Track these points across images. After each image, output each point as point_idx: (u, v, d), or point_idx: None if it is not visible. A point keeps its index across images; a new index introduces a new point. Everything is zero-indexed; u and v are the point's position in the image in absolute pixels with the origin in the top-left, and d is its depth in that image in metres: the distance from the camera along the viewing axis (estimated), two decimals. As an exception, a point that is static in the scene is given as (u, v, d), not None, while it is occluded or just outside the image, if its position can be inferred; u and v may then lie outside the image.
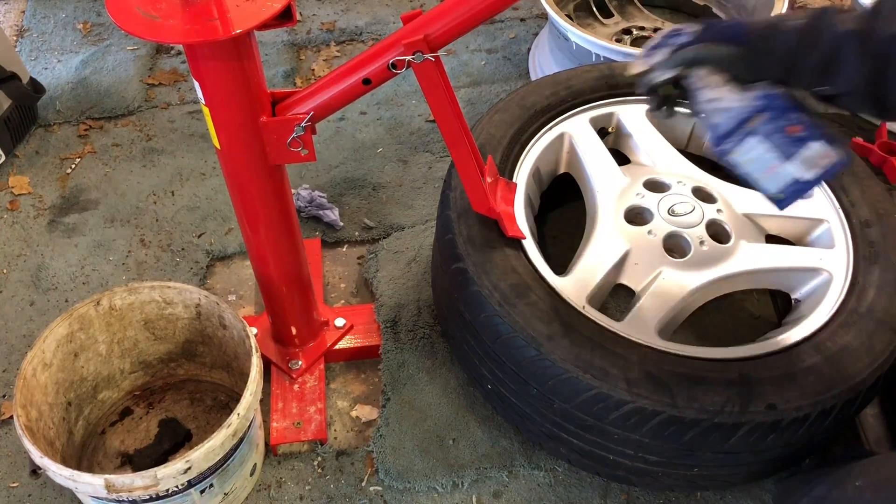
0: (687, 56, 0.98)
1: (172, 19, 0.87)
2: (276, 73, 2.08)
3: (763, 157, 0.98)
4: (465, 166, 1.09)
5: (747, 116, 0.97)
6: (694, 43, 0.98)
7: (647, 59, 1.02)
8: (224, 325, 1.24)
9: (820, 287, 1.22)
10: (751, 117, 0.97)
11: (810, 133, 0.96)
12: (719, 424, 1.03)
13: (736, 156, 1.00)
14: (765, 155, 0.98)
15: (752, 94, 0.97)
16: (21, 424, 1.05)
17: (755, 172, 1.00)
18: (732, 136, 0.99)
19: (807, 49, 0.88)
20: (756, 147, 0.98)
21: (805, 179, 0.97)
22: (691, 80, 1.00)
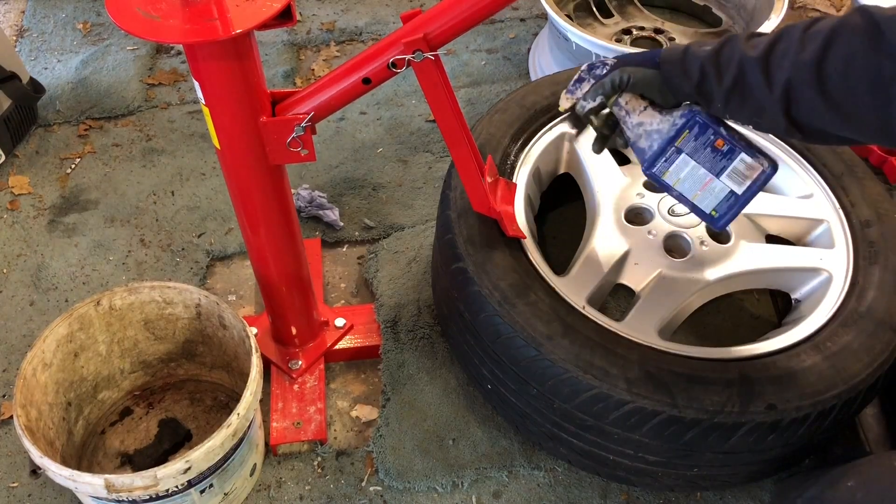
0: (608, 81, 1.03)
1: (172, 19, 0.87)
2: (275, 73, 2.08)
3: (694, 174, 1.02)
4: (465, 166, 1.09)
5: (674, 135, 1.01)
6: (612, 71, 1.03)
7: (572, 93, 1.07)
8: (224, 325, 1.24)
9: (820, 287, 1.22)
10: (677, 135, 1.01)
11: (734, 146, 1.00)
12: (719, 424, 1.03)
13: (668, 177, 1.04)
14: (696, 172, 1.02)
15: (674, 113, 1.01)
16: (21, 424, 1.05)
17: (689, 192, 1.04)
18: (662, 157, 1.03)
19: (715, 74, 0.91)
20: (687, 164, 1.02)
21: (739, 193, 1.02)
22: (618, 109, 1.04)
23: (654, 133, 1.02)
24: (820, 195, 1.33)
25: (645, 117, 1.03)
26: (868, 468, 1.03)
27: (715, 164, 1.01)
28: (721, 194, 1.02)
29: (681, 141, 1.01)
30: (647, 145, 1.03)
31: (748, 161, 1.00)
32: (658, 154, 1.03)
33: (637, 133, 1.04)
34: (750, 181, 1.01)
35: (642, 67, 1.01)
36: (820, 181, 1.34)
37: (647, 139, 1.03)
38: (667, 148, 1.02)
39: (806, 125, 0.86)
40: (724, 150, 1.00)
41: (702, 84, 0.93)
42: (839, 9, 2.36)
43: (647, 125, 1.03)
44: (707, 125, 1.00)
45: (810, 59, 0.81)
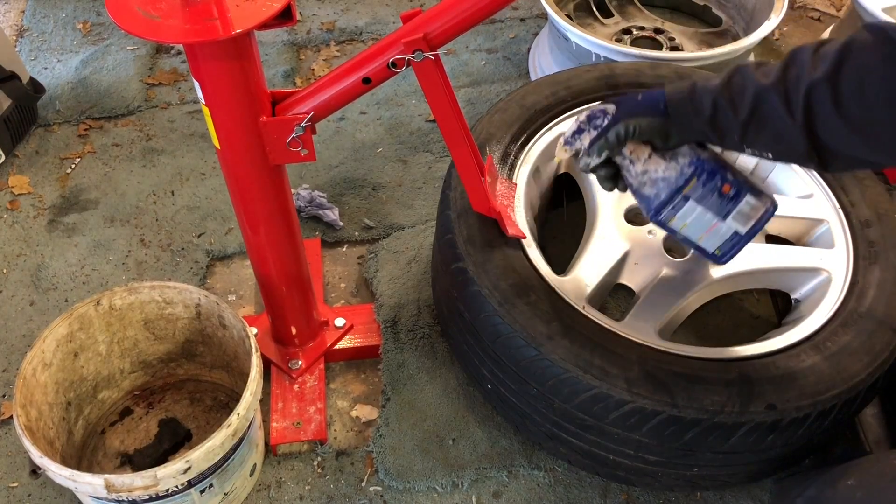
0: (612, 137, 1.00)
1: (172, 19, 0.87)
2: (275, 73, 2.08)
3: (701, 218, 1.02)
4: (464, 166, 1.09)
5: (682, 184, 0.99)
6: (613, 124, 1.00)
7: (571, 144, 1.05)
8: (224, 324, 1.24)
9: (820, 287, 1.22)
10: (686, 184, 1.00)
11: (740, 189, 0.99)
12: (719, 424, 1.03)
13: (674, 223, 1.03)
14: (702, 217, 1.01)
15: (683, 161, 0.99)
16: (21, 424, 1.05)
17: (693, 235, 1.04)
18: (669, 205, 1.01)
19: (729, 107, 0.89)
20: (693, 211, 1.01)
21: (744, 233, 1.02)
22: (621, 158, 1.03)
23: (660, 181, 1.00)
24: (820, 195, 1.33)
25: (650, 165, 1.00)
26: (868, 467, 1.03)
27: (721, 208, 1.01)
28: (726, 235, 1.03)
29: (689, 189, 1.00)
30: (652, 193, 1.01)
31: (753, 202, 1.00)
32: (665, 202, 1.01)
33: (641, 181, 1.02)
34: (754, 221, 1.01)
35: (646, 116, 0.98)
36: (820, 181, 1.34)
37: (652, 187, 1.01)
38: (674, 196, 1.00)
39: (827, 148, 0.84)
40: (731, 195, 1.00)
41: (715, 118, 0.91)
42: (839, 8, 2.36)
43: (653, 173, 1.01)
44: (715, 171, 0.98)
45: (824, 78, 0.80)
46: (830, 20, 2.30)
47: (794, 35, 2.26)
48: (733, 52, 1.71)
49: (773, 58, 2.15)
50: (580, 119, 1.05)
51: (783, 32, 2.26)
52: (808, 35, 2.26)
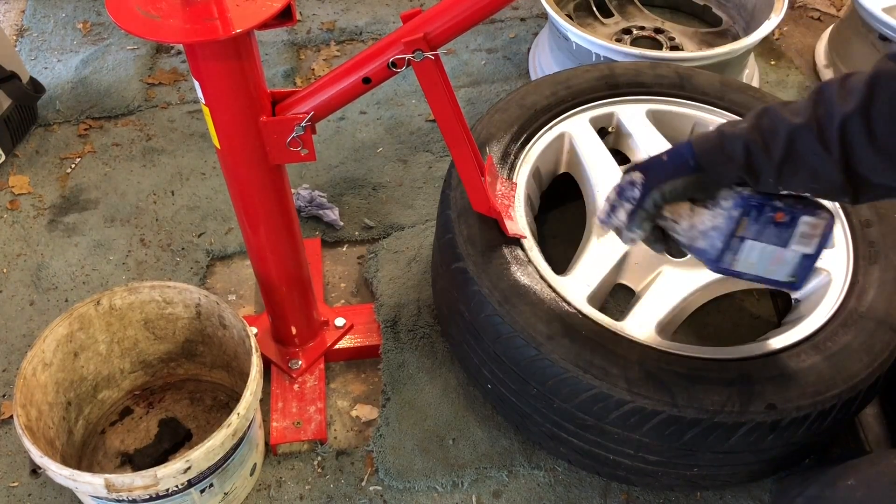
0: (649, 207, 0.98)
1: (172, 19, 0.87)
2: (276, 73, 2.08)
3: (764, 254, 0.99)
4: (464, 166, 1.09)
5: (734, 227, 0.97)
6: (647, 193, 0.97)
7: (608, 223, 1.03)
8: (224, 324, 1.24)
9: (820, 287, 1.22)
10: (738, 226, 0.97)
11: (794, 213, 0.96)
12: (719, 424, 1.03)
13: (738, 266, 1.00)
14: (765, 252, 0.98)
15: (727, 204, 0.97)
16: (21, 424, 1.05)
17: (761, 271, 1.00)
18: (728, 250, 0.98)
19: (762, 149, 0.88)
20: (754, 249, 0.98)
21: (811, 253, 0.98)
22: (663, 221, 1.01)
23: (710, 231, 0.98)
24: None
25: (695, 219, 0.99)
26: (868, 467, 1.03)
27: (781, 237, 0.97)
28: (794, 260, 0.99)
29: (742, 229, 0.97)
30: (707, 245, 0.99)
31: (811, 221, 0.97)
32: (723, 250, 0.98)
33: (692, 236, 1.00)
34: (818, 238, 0.98)
35: (678, 176, 0.96)
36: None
37: (705, 239, 0.99)
38: (730, 241, 0.98)
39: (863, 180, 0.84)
40: (787, 220, 0.96)
41: (750, 162, 0.90)
42: (839, 8, 2.36)
43: (701, 225, 0.98)
44: (762, 204, 0.96)
45: (857, 110, 0.80)
46: (830, 20, 2.30)
47: (794, 35, 2.26)
48: (733, 52, 1.71)
49: (772, 58, 2.16)
50: (610, 197, 1.03)
51: (783, 32, 2.26)
52: (809, 35, 2.26)
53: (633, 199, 0.99)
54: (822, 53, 2.14)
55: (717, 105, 1.46)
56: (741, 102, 1.46)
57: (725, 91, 1.47)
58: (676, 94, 1.47)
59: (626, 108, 1.46)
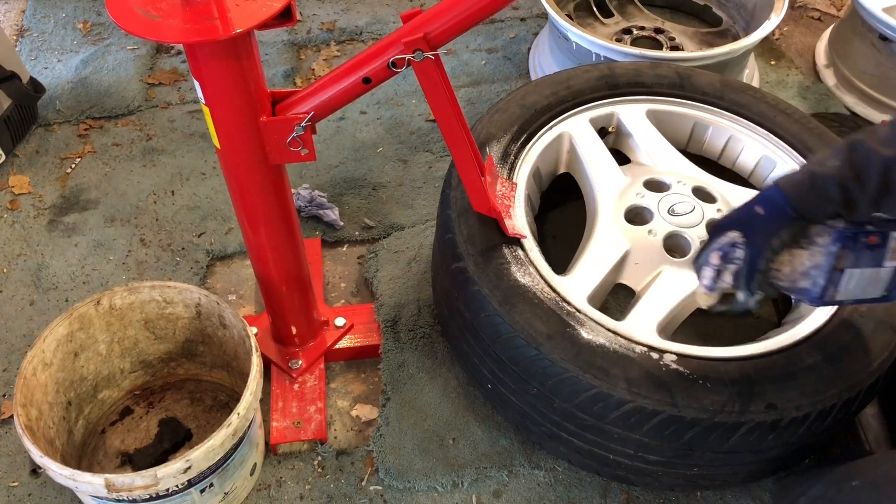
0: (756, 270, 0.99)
1: (172, 19, 0.87)
2: (276, 73, 2.08)
3: (862, 278, 0.99)
4: (465, 166, 1.09)
5: (834, 262, 0.97)
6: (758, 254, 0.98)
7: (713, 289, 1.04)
8: (224, 324, 1.24)
9: (820, 287, 1.22)
10: (837, 261, 0.97)
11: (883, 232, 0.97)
12: (719, 424, 1.03)
13: (840, 296, 1.00)
14: (863, 276, 0.99)
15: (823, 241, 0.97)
16: (21, 424, 1.05)
17: (861, 294, 1.01)
18: (830, 285, 0.99)
19: (859, 184, 0.90)
20: (853, 277, 0.99)
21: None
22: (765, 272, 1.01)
23: (811, 270, 0.99)
24: (820, 195, 1.33)
25: (795, 262, 1.00)
26: (874, 468, 1.03)
27: (876, 258, 0.98)
28: (888, 276, 1.00)
29: (841, 263, 0.98)
30: (809, 284, 1.00)
31: None
32: (826, 286, 0.99)
33: (793, 279, 1.00)
34: None
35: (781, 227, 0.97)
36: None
37: (806, 279, 1.00)
38: (831, 275, 0.98)
39: None
40: (879, 242, 0.98)
41: (845, 199, 0.92)
42: (839, 8, 2.36)
43: (801, 267, 0.99)
44: (856, 234, 0.97)
45: None
46: (831, 20, 2.30)
47: (795, 35, 2.26)
48: (733, 52, 1.71)
49: (772, 58, 2.15)
50: (713, 262, 1.04)
51: (783, 32, 2.26)
52: (809, 35, 2.26)
53: (739, 261, 1.01)
54: (823, 53, 2.14)
55: (718, 105, 1.46)
56: (741, 102, 1.46)
57: (725, 91, 1.47)
58: (676, 93, 1.47)
59: (626, 108, 1.46)
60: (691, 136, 1.50)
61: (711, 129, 1.46)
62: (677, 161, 1.40)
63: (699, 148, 1.50)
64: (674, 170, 1.38)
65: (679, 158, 1.40)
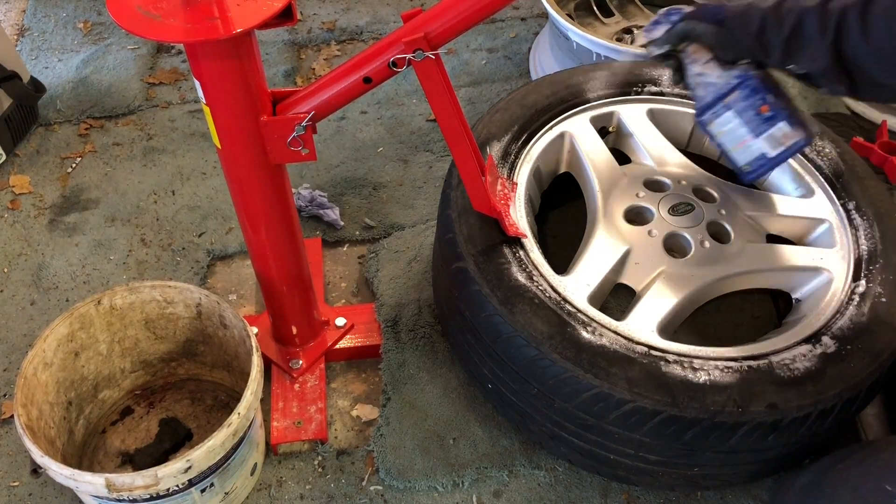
0: (675, 32, 1.12)
1: (173, 18, 0.87)
2: (276, 73, 2.08)
3: (736, 130, 1.12)
4: (465, 165, 1.09)
5: (725, 92, 1.10)
6: (679, 21, 1.12)
7: (648, 33, 1.18)
8: (225, 324, 1.24)
9: (820, 287, 1.22)
10: (728, 93, 1.10)
11: (777, 113, 1.08)
12: (720, 424, 1.03)
13: (713, 127, 1.14)
14: (738, 129, 1.11)
15: (732, 72, 1.09)
16: (22, 423, 1.05)
17: (728, 144, 1.15)
18: (712, 109, 1.13)
19: (776, 24, 0.99)
20: (731, 121, 1.12)
21: (771, 156, 1.12)
22: (683, 55, 1.14)
23: (709, 85, 1.11)
24: (820, 195, 1.33)
25: (706, 69, 1.11)
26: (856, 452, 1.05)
27: (756, 126, 1.09)
28: (756, 153, 1.12)
29: (730, 98, 1.09)
30: (702, 94, 1.13)
31: (786, 129, 1.08)
32: (709, 105, 1.12)
33: (696, 81, 1.13)
34: (783, 147, 1.10)
35: (707, 21, 1.08)
36: (821, 180, 1.34)
37: (703, 89, 1.12)
38: (717, 102, 1.10)
39: (854, 71, 0.94)
40: (767, 116, 1.08)
41: (761, 34, 1.01)
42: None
43: (706, 77, 1.11)
44: (757, 89, 1.07)
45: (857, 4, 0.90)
46: (831, 20, 2.29)
47: (795, 34, 2.26)
48: (734, 52, 1.71)
49: (773, 57, 2.15)
50: (660, 11, 1.16)
51: (784, 32, 2.26)
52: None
53: (671, 22, 1.14)
54: (823, 53, 2.13)
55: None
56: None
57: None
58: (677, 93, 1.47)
59: (626, 107, 1.45)
60: (692, 135, 1.49)
61: None
62: (678, 161, 1.39)
63: (700, 148, 1.50)
64: (674, 170, 1.38)
65: (680, 158, 1.40)
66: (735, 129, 1.12)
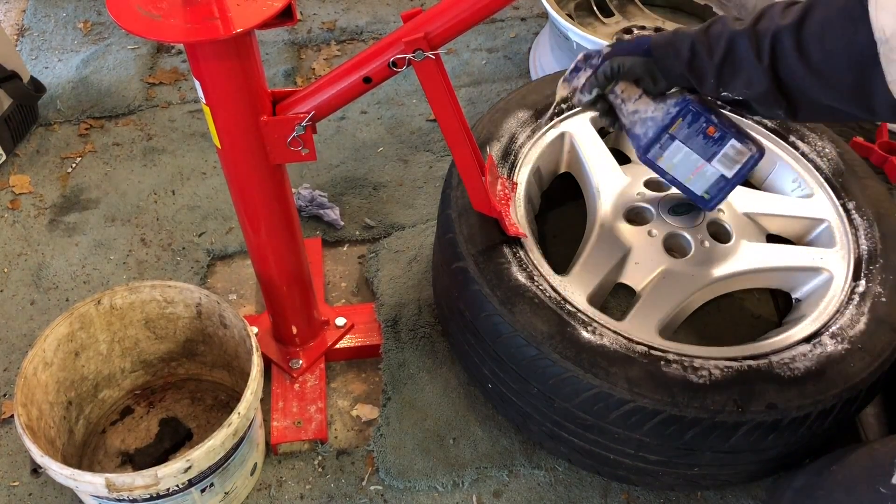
0: (602, 72, 1.06)
1: (173, 18, 0.87)
2: (276, 73, 2.08)
3: (687, 159, 1.08)
4: (465, 165, 1.09)
5: (668, 123, 1.06)
6: (603, 62, 1.06)
7: (569, 82, 1.12)
8: (225, 324, 1.24)
9: (820, 286, 1.22)
10: (671, 123, 1.06)
11: (725, 132, 1.05)
12: (720, 424, 1.03)
13: (662, 162, 1.10)
14: (689, 158, 1.07)
15: (670, 101, 1.05)
16: (22, 423, 1.05)
17: (681, 176, 1.10)
18: (657, 143, 1.08)
19: (706, 50, 0.96)
20: (680, 151, 1.07)
21: (729, 176, 1.08)
22: (613, 97, 1.09)
23: (648, 120, 1.07)
24: (820, 194, 1.33)
25: (640, 105, 1.07)
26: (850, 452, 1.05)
27: (706, 150, 1.06)
28: (712, 178, 1.08)
29: (674, 128, 1.05)
30: (642, 132, 1.08)
31: (738, 146, 1.05)
32: (653, 141, 1.07)
33: (632, 120, 1.08)
34: (739, 165, 1.06)
35: (633, 55, 1.04)
36: (820, 180, 1.34)
37: (641, 126, 1.08)
38: (661, 135, 1.07)
39: (792, 92, 0.91)
40: (716, 137, 1.05)
41: (693, 61, 0.98)
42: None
43: (642, 113, 1.07)
44: (700, 113, 1.04)
45: (791, 24, 0.87)
46: (831, 19, 2.30)
47: (795, 34, 2.26)
48: (734, 52, 1.71)
49: (773, 57, 2.15)
50: (578, 58, 1.10)
51: (784, 32, 2.26)
52: (809, 34, 2.25)
53: (593, 66, 1.08)
54: (823, 53, 2.13)
55: (718, 105, 1.46)
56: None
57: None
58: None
59: (626, 107, 1.45)
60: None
61: None
62: (678, 161, 1.39)
63: (700, 148, 1.50)
64: (674, 169, 1.37)
65: (680, 158, 1.40)
66: (686, 158, 1.07)
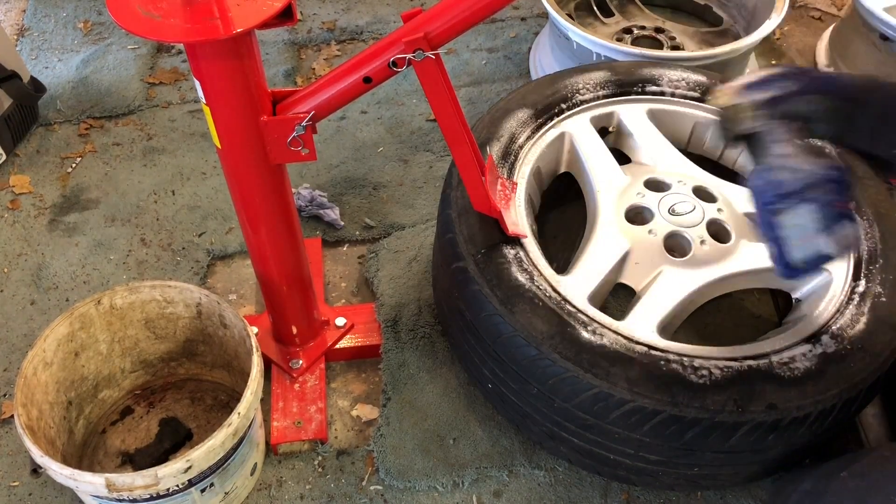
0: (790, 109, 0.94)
1: (173, 18, 0.87)
2: (276, 73, 2.08)
3: (806, 225, 0.94)
4: (465, 165, 1.09)
5: (812, 183, 0.92)
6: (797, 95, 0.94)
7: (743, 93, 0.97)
8: (225, 324, 1.24)
9: (820, 286, 1.22)
10: (816, 185, 0.93)
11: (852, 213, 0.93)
12: (720, 424, 1.03)
13: (784, 217, 0.95)
14: (808, 224, 0.94)
15: (825, 161, 0.93)
16: (22, 423, 1.05)
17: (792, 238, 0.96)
18: (791, 198, 0.94)
19: None
20: (804, 215, 0.94)
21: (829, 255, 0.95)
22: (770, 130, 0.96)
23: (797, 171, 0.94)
24: (821, 195, 1.32)
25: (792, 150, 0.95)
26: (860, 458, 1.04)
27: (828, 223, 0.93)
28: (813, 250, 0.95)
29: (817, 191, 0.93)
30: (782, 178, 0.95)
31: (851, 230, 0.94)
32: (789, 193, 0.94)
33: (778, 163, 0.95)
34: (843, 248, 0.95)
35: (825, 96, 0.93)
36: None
37: (784, 173, 0.95)
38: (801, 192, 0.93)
39: None
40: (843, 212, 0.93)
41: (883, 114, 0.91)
42: (840, 8, 2.36)
43: (793, 160, 0.94)
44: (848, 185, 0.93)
45: None
46: (831, 20, 2.30)
47: (795, 34, 2.26)
48: (734, 52, 1.71)
49: (773, 58, 2.15)
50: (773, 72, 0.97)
51: (784, 32, 2.26)
52: (809, 34, 2.25)
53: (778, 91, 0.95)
54: (823, 53, 2.14)
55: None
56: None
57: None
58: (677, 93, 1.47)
59: (626, 107, 1.45)
60: (692, 135, 1.49)
61: (712, 128, 1.46)
62: (678, 161, 1.39)
63: (700, 147, 1.50)
64: (674, 169, 1.38)
65: (680, 158, 1.40)
66: (804, 224, 0.94)
